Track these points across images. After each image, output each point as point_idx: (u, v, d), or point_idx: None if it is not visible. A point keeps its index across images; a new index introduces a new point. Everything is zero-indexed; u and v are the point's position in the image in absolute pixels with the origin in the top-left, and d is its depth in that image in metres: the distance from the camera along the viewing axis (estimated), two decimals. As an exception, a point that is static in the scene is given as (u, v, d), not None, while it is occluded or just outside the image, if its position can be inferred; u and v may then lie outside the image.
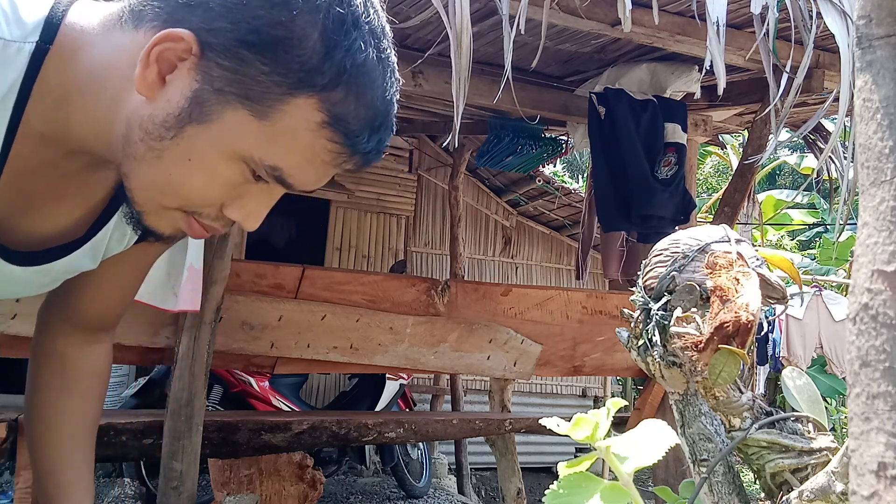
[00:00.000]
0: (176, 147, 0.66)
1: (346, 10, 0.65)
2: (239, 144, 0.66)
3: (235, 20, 0.63)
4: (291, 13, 0.63)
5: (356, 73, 0.65)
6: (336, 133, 0.66)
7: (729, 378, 0.80)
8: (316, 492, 2.80)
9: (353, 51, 0.65)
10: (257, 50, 0.63)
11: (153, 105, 0.65)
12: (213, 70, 0.64)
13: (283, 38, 0.63)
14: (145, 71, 0.64)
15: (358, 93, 0.66)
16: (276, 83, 0.64)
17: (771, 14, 2.19)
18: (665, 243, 0.90)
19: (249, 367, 2.92)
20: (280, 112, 0.65)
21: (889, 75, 0.38)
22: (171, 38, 0.64)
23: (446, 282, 2.82)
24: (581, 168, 14.07)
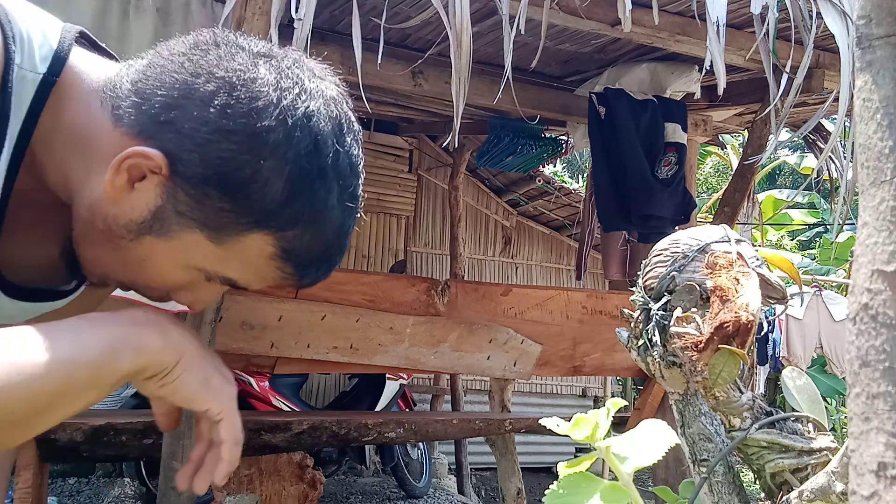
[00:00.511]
0: (133, 248, 0.68)
1: (313, 162, 0.66)
2: (194, 259, 0.69)
3: (205, 156, 0.64)
4: (259, 161, 0.64)
5: (313, 218, 0.68)
6: (286, 264, 0.69)
7: (729, 378, 0.80)
8: (316, 492, 2.80)
9: (313, 199, 0.67)
10: (221, 189, 0.65)
11: (118, 207, 0.67)
12: (177, 194, 0.65)
13: (246, 183, 0.64)
14: (115, 177, 0.65)
15: (312, 233, 0.69)
16: (234, 220, 0.66)
17: (771, 14, 2.19)
18: (665, 243, 0.90)
19: (249, 367, 2.92)
20: (235, 241, 0.67)
21: (889, 75, 0.38)
22: (144, 155, 0.64)
23: (446, 282, 2.82)
24: (581, 168, 14.06)
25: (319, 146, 0.66)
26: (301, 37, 1.79)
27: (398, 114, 4.79)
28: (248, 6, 2.15)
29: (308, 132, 0.66)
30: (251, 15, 2.16)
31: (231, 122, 0.64)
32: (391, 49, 3.25)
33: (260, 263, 0.69)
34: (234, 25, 2.18)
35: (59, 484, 4.67)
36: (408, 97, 4.04)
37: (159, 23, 2.43)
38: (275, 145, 0.64)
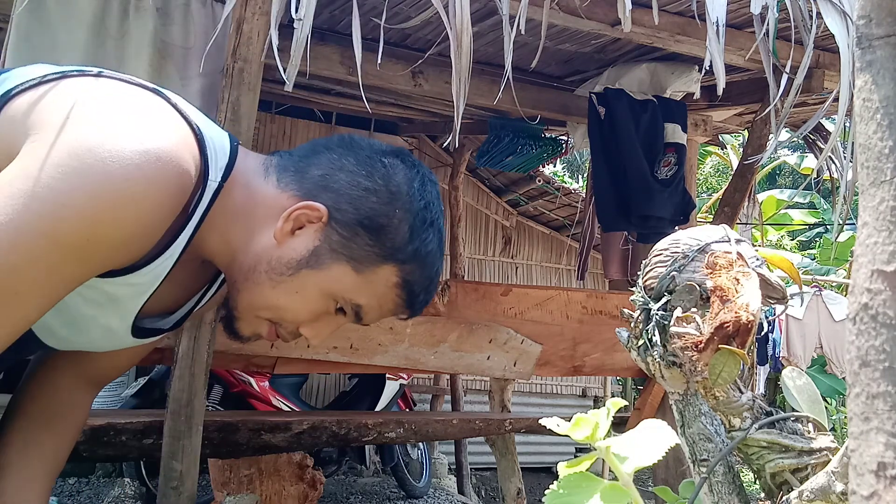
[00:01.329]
0: (290, 281, 0.90)
1: (427, 215, 0.93)
2: (337, 288, 0.92)
3: (357, 207, 0.90)
4: (394, 210, 0.91)
5: (425, 256, 0.94)
6: (403, 292, 0.94)
7: (729, 378, 0.80)
8: (316, 492, 2.80)
9: (426, 242, 0.93)
10: (366, 230, 0.90)
11: (280, 250, 0.90)
12: (332, 235, 0.90)
13: (385, 226, 0.90)
14: (284, 224, 0.90)
15: (423, 268, 0.94)
16: (375, 253, 0.91)
17: (771, 14, 2.19)
18: (665, 243, 0.90)
19: (249, 367, 2.92)
20: (372, 271, 0.92)
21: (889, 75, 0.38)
22: (311, 207, 0.89)
23: (446, 282, 2.82)
24: (581, 168, 14.06)
25: (429, 206, 0.94)
26: (301, 37, 1.79)
27: (398, 114, 4.79)
28: (248, 6, 2.15)
29: (422, 194, 0.94)
30: (251, 15, 2.16)
31: (374, 184, 0.91)
32: (391, 49, 3.25)
33: (385, 291, 0.93)
34: (233, 25, 2.18)
35: (59, 484, 4.67)
36: (408, 97, 4.04)
37: (159, 23, 2.43)
38: (403, 201, 0.92)
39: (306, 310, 0.93)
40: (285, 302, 0.91)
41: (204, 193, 0.86)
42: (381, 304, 0.95)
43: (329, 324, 0.96)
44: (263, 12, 2.13)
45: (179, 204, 0.82)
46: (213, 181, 0.87)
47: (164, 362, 2.48)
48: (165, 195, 0.79)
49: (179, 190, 0.81)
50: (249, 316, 0.94)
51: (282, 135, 5.58)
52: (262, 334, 0.96)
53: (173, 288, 0.97)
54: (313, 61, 2.68)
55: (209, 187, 0.86)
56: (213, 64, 2.35)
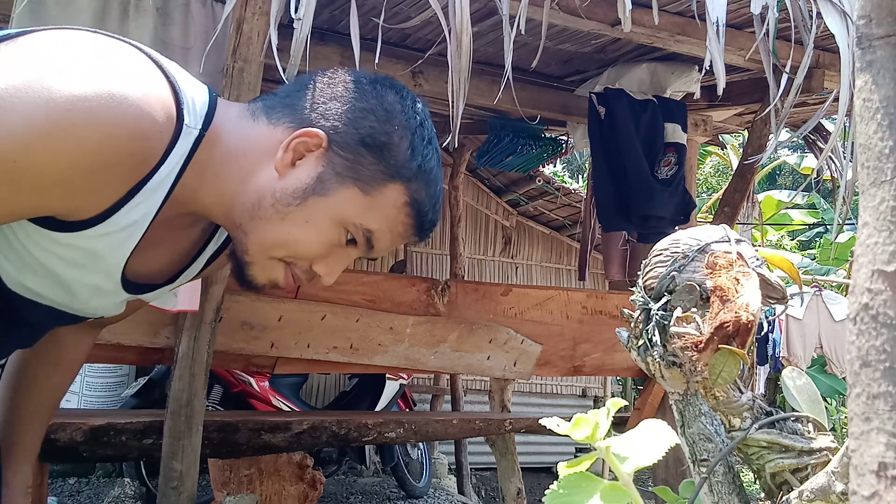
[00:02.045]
0: (299, 211, 0.89)
1: (424, 132, 0.94)
2: (347, 212, 0.90)
3: (356, 128, 0.90)
4: (393, 127, 0.91)
5: (428, 172, 0.93)
6: (413, 211, 0.93)
7: (729, 378, 0.80)
8: (316, 492, 2.80)
9: (427, 158, 0.93)
10: (369, 149, 0.90)
11: (284, 181, 0.89)
12: (335, 159, 0.89)
13: (386, 143, 0.90)
14: (284, 155, 0.89)
15: (428, 185, 0.94)
16: (380, 171, 0.90)
17: (771, 14, 2.19)
18: (665, 243, 0.90)
19: (249, 367, 2.92)
20: (379, 191, 0.91)
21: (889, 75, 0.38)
22: (309, 134, 0.89)
23: (446, 282, 2.82)
24: (581, 168, 14.06)
25: (424, 123, 0.94)
26: (301, 37, 1.79)
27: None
28: (248, 6, 2.15)
29: (415, 112, 0.93)
30: (251, 15, 2.16)
31: (368, 104, 0.91)
32: (391, 49, 3.25)
33: (394, 212, 0.92)
34: (233, 25, 2.18)
35: (59, 484, 4.67)
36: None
37: (159, 23, 2.43)
38: (399, 119, 0.91)
39: (319, 240, 0.91)
40: (297, 233, 0.90)
41: (178, 140, 0.83)
42: (391, 228, 0.93)
43: (341, 258, 0.95)
44: (263, 12, 2.13)
45: (140, 148, 0.79)
46: (191, 127, 0.84)
47: (164, 362, 2.48)
48: (118, 136, 0.76)
49: (138, 133, 0.78)
50: (262, 258, 0.92)
51: (282, 135, 5.57)
52: (279, 280, 0.94)
53: (165, 249, 0.97)
54: (313, 61, 2.68)
55: (187, 134, 0.84)
56: (213, 64, 2.35)
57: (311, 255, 0.92)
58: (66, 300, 0.96)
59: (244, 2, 2.14)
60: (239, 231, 0.91)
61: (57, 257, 0.87)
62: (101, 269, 0.91)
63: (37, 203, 0.79)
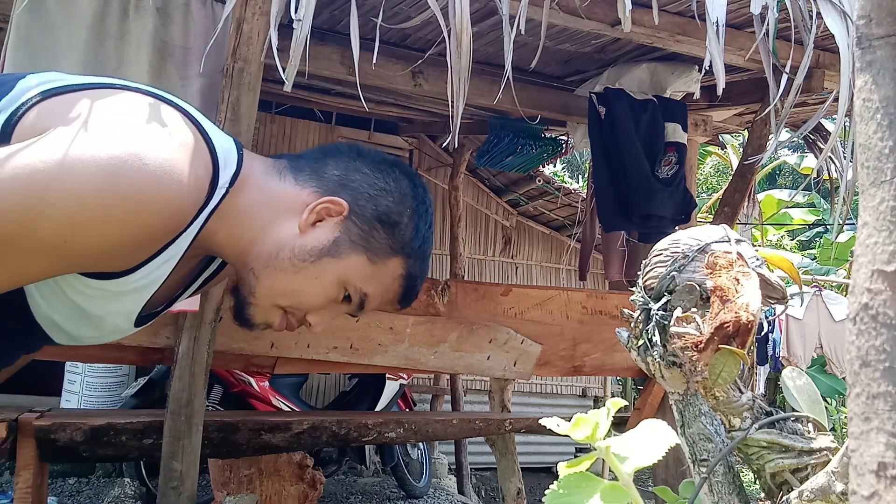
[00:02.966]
0: (311, 268, 0.98)
1: (428, 217, 1.06)
2: (351, 276, 1.01)
3: (375, 204, 1.01)
4: (407, 210, 1.03)
5: (424, 251, 1.05)
6: (405, 283, 1.05)
7: (729, 378, 0.80)
8: (316, 492, 2.80)
9: (426, 239, 1.05)
10: (383, 224, 1.01)
11: (303, 238, 0.98)
12: (352, 228, 1.00)
13: (398, 222, 1.02)
14: (309, 216, 0.98)
15: (421, 263, 1.06)
16: (388, 245, 1.01)
17: (771, 14, 2.19)
18: (665, 243, 0.90)
19: (249, 367, 2.92)
20: (384, 262, 1.02)
21: (889, 75, 0.38)
22: (334, 202, 0.99)
23: (446, 282, 2.82)
24: (581, 168, 14.06)
25: (429, 209, 1.07)
26: (301, 37, 1.79)
27: (398, 114, 4.79)
28: (248, 6, 2.15)
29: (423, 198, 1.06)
30: (251, 15, 2.16)
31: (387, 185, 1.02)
32: (391, 49, 3.25)
33: (390, 281, 1.04)
34: (233, 25, 2.18)
35: (59, 484, 4.67)
36: (408, 97, 4.04)
37: (159, 23, 2.43)
38: (410, 202, 1.03)
39: (322, 295, 1.01)
40: (305, 287, 0.99)
41: (210, 201, 0.91)
42: (383, 294, 1.04)
43: (332, 311, 1.05)
44: (263, 12, 2.13)
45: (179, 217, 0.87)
46: (221, 188, 0.93)
47: (164, 362, 2.48)
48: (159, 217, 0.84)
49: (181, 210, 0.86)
50: (266, 303, 1.00)
51: (282, 135, 5.58)
52: (274, 324, 1.03)
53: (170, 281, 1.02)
54: (313, 61, 2.68)
55: (217, 194, 0.92)
56: (213, 64, 2.35)
57: (311, 308, 1.02)
58: (90, 333, 1.03)
59: (244, 2, 2.14)
60: (250, 274, 0.99)
61: (87, 297, 0.94)
62: (123, 309, 0.99)
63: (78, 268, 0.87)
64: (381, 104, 4.26)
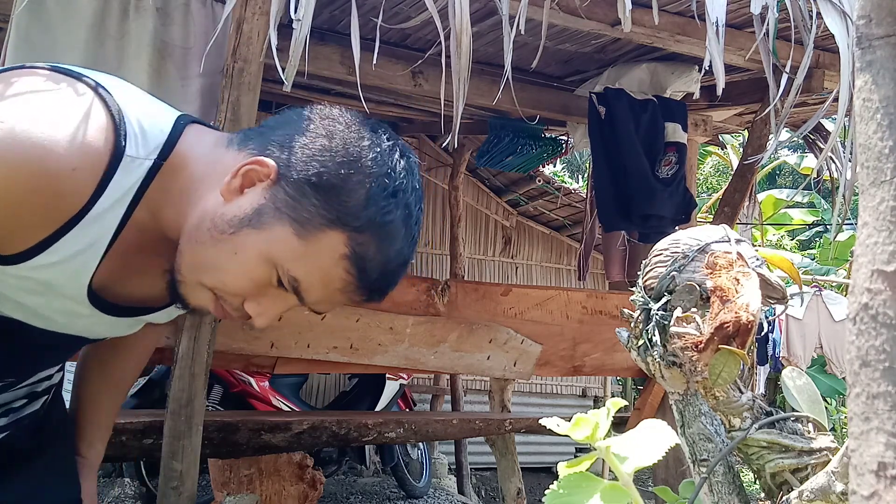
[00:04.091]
0: (230, 241, 0.84)
1: (390, 181, 0.86)
2: (275, 252, 0.84)
3: (308, 164, 0.84)
4: (349, 172, 0.84)
5: (381, 226, 0.84)
6: (352, 267, 0.85)
7: (729, 378, 0.80)
8: (316, 492, 2.80)
9: (384, 210, 0.84)
10: (315, 189, 0.83)
11: (226, 207, 0.85)
12: (279, 194, 0.84)
13: (336, 186, 0.83)
14: (232, 181, 0.85)
15: (379, 241, 0.85)
16: (320, 216, 0.83)
17: (771, 14, 2.19)
18: (665, 243, 0.90)
19: (249, 367, 2.92)
20: (316, 237, 0.83)
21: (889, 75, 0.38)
22: (260, 163, 0.85)
23: (446, 282, 2.82)
24: (581, 168, 14.06)
25: (393, 173, 0.86)
26: (300, 37, 1.79)
27: (398, 114, 4.78)
28: (248, 6, 2.15)
29: (387, 161, 0.86)
30: (251, 15, 2.16)
31: (332, 144, 0.85)
32: (391, 49, 3.25)
33: (329, 264, 0.84)
34: (233, 25, 2.18)
35: (59, 484, 4.66)
36: (408, 97, 4.04)
37: (159, 23, 2.43)
38: (362, 164, 0.84)
39: (244, 275, 0.85)
40: (224, 263, 0.85)
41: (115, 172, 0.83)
42: (324, 281, 0.85)
43: (275, 301, 0.88)
44: (263, 12, 2.13)
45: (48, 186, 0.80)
46: (138, 158, 0.84)
47: (164, 362, 2.48)
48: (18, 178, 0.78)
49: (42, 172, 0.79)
50: (192, 280, 0.88)
51: (282, 135, 5.57)
52: (209, 308, 0.90)
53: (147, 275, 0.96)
54: (313, 61, 2.68)
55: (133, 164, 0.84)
56: (213, 64, 2.35)
57: (237, 290, 0.87)
58: (45, 325, 0.97)
59: (244, 2, 2.14)
60: (178, 248, 0.88)
61: (12, 287, 0.89)
62: (63, 295, 0.91)
63: None
64: (381, 104, 4.26)
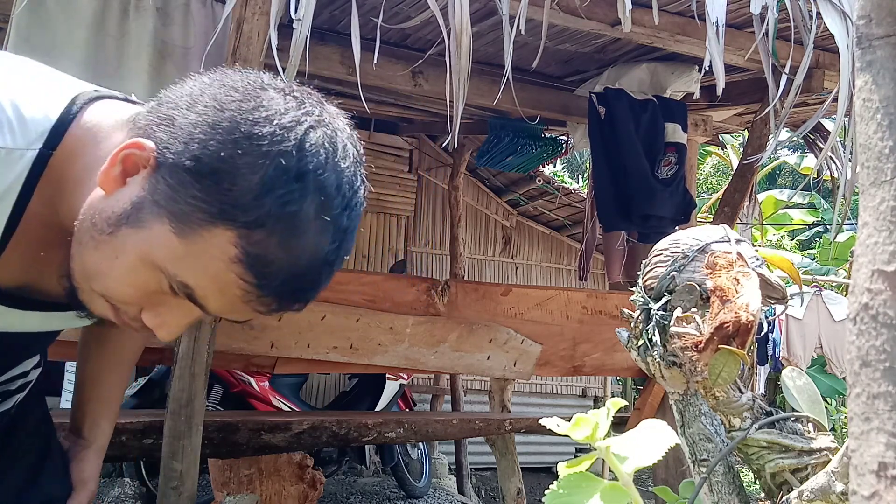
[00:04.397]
0: (109, 242, 0.71)
1: (292, 163, 0.67)
2: (157, 255, 0.69)
3: (189, 145, 0.67)
4: (236, 152, 0.66)
5: (284, 223, 0.67)
6: (247, 272, 0.68)
7: (729, 378, 0.80)
8: (316, 492, 2.80)
9: (287, 202, 0.66)
10: (195, 176, 0.67)
11: (107, 201, 0.71)
12: (158, 184, 0.69)
13: (220, 171, 0.66)
14: (111, 168, 0.71)
15: (282, 241, 0.67)
16: (200, 208, 0.67)
17: (771, 14, 2.19)
18: (665, 243, 0.90)
19: (249, 367, 2.92)
20: (198, 236, 0.67)
21: (889, 75, 0.38)
22: (137, 145, 0.70)
23: (446, 282, 2.82)
24: (581, 168, 14.06)
25: (302, 152, 0.67)
26: (300, 37, 1.79)
27: (398, 114, 4.78)
28: (248, 6, 2.15)
29: (295, 138, 0.68)
30: (251, 15, 2.16)
31: (220, 116, 0.67)
32: (391, 49, 3.25)
33: (220, 267, 0.68)
34: (233, 25, 2.18)
35: (59, 484, 4.66)
36: (408, 97, 4.04)
37: (159, 23, 2.43)
38: (258, 140, 0.66)
39: (129, 282, 0.71)
40: (107, 268, 0.71)
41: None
42: (220, 288, 0.70)
43: (174, 311, 0.74)
44: (263, 12, 2.13)
45: None
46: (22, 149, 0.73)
47: (164, 362, 2.48)
48: None
49: None
50: (86, 287, 0.75)
51: (282, 135, 5.57)
52: (109, 317, 0.77)
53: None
54: (313, 61, 2.68)
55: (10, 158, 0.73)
56: (213, 64, 2.34)
57: (125, 299, 0.73)
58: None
59: (244, 2, 2.14)
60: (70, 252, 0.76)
61: None
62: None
63: None
64: (381, 104, 4.26)
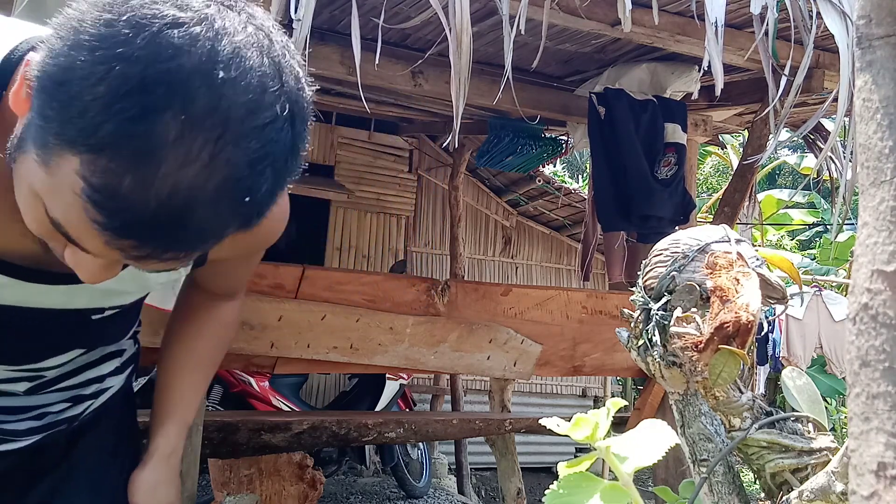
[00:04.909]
0: (15, 173, 0.62)
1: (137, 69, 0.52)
2: (35, 186, 0.60)
3: (45, 60, 0.56)
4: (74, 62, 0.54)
5: (136, 145, 0.53)
6: (93, 207, 0.55)
7: (729, 378, 0.80)
8: (316, 492, 2.80)
9: (129, 117, 0.53)
10: (45, 91, 0.56)
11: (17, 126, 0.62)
12: (34, 104, 0.58)
13: (63, 83, 0.54)
14: (20, 90, 0.61)
15: (132, 168, 0.54)
16: (50, 129, 0.56)
17: (770, 14, 2.19)
18: (665, 243, 0.90)
19: (249, 367, 2.92)
20: (56, 163, 0.56)
21: (889, 75, 0.38)
22: (27, 62, 0.61)
23: (446, 282, 2.82)
24: (581, 168, 14.07)
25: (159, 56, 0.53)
26: (300, 37, 1.79)
27: (398, 114, 4.79)
28: (248, 6, 2.15)
29: (147, 37, 0.53)
30: (251, 15, 2.15)
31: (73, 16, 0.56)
32: (391, 49, 3.25)
33: (71, 201, 0.56)
34: (234, 25, 2.17)
35: (59, 484, 4.66)
36: (408, 97, 4.04)
37: (159, 23, 2.43)
38: (101, 42, 0.53)
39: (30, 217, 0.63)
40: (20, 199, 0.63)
41: None
42: (80, 226, 0.58)
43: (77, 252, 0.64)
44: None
45: None
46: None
47: (164, 362, 2.48)
48: None
49: None
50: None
51: (282, 135, 5.57)
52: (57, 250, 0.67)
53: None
54: (313, 61, 2.68)
55: None
56: (213, 64, 2.35)
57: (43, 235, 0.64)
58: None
59: (244, 2, 2.14)
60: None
61: None
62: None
63: None
64: (381, 104, 4.26)
